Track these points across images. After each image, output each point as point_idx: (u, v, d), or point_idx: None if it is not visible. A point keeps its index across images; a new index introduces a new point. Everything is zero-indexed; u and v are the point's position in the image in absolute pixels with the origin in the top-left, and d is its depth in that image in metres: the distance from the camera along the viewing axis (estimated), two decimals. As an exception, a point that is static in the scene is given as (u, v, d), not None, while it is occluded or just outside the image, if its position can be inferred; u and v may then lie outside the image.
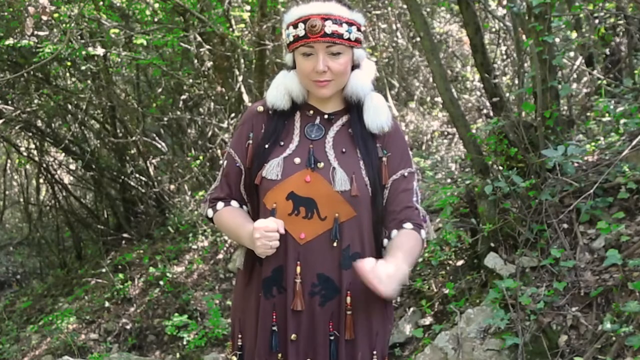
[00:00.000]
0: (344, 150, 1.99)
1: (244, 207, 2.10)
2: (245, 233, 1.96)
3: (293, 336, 1.97)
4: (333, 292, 1.97)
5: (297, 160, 1.97)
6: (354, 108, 2.02)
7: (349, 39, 1.93)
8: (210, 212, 2.10)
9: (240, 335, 2.11)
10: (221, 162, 2.18)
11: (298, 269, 1.95)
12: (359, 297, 1.98)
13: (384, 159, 2.00)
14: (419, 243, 1.99)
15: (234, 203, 2.08)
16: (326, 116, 2.04)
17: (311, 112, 2.04)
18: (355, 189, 1.93)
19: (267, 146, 2.01)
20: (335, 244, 1.96)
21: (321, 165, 1.96)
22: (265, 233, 1.87)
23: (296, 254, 1.94)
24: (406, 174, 2.02)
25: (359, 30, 1.97)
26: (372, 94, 2.02)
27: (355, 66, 2.00)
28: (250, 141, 2.05)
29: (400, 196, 2.00)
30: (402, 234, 1.98)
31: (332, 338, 1.97)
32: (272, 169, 1.96)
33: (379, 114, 2.00)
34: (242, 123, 2.11)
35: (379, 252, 2.02)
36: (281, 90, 2.02)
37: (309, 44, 1.92)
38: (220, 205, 2.08)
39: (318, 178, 1.95)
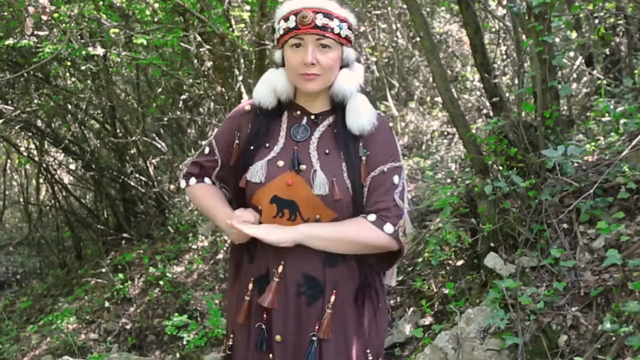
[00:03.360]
0: (327, 151, 1.98)
1: (217, 183, 2.16)
2: (222, 216, 2.04)
3: (277, 337, 1.97)
4: (319, 292, 1.98)
5: (281, 163, 1.98)
6: (339, 108, 2.02)
7: (339, 34, 1.94)
8: (183, 183, 2.20)
9: (232, 335, 2.11)
10: (203, 144, 2.21)
11: (280, 268, 1.97)
12: (345, 296, 1.99)
13: (364, 158, 1.98)
14: (362, 227, 1.95)
15: (207, 180, 2.16)
16: (313, 117, 2.03)
17: (298, 112, 2.04)
18: (336, 193, 1.93)
19: (252, 148, 2.02)
20: None
21: (303, 167, 1.96)
22: (242, 222, 1.94)
23: (281, 254, 1.95)
24: (385, 169, 1.98)
25: (349, 28, 1.97)
26: (356, 95, 2.00)
27: (344, 66, 2.00)
28: (238, 141, 2.07)
29: (377, 192, 1.98)
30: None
31: (314, 338, 1.97)
32: (255, 172, 1.98)
33: (360, 115, 1.98)
34: (230, 118, 2.13)
35: None
36: (268, 87, 2.03)
37: (299, 36, 1.92)
38: (192, 180, 2.17)
39: (299, 181, 1.95)
